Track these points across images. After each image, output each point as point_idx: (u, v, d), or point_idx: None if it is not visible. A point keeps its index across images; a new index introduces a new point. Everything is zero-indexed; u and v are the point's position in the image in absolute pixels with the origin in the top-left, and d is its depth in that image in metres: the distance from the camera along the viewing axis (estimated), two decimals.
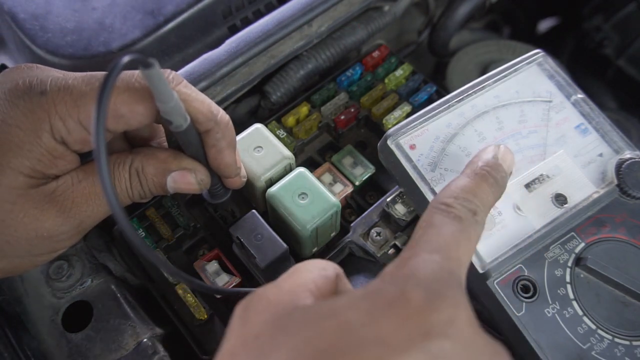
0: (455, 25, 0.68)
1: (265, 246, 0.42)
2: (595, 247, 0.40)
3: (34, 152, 0.34)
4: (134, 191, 0.38)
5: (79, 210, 0.36)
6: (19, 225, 0.34)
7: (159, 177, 0.38)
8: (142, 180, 0.38)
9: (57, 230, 0.36)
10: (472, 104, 0.45)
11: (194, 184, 0.39)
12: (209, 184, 0.40)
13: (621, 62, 0.78)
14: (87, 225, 0.37)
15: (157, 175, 0.38)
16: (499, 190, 0.34)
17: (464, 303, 0.26)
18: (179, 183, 0.38)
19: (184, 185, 0.38)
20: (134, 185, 0.37)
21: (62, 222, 0.35)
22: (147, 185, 0.38)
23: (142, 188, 0.38)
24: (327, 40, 0.58)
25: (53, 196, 0.35)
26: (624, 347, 0.37)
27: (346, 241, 0.48)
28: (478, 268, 0.39)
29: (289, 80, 0.56)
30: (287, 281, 0.29)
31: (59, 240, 0.36)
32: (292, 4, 0.52)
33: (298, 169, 0.45)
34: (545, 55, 0.47)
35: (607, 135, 0.44)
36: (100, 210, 0.37)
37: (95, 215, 0.37)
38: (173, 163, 0.38)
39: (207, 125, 0.37)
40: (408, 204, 0.46)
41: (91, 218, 0.37)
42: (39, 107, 0.33)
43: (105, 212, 0.37)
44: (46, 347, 0.44)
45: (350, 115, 0.54)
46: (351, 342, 0.23)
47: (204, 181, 0.39)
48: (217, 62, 0.49)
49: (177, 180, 0.38)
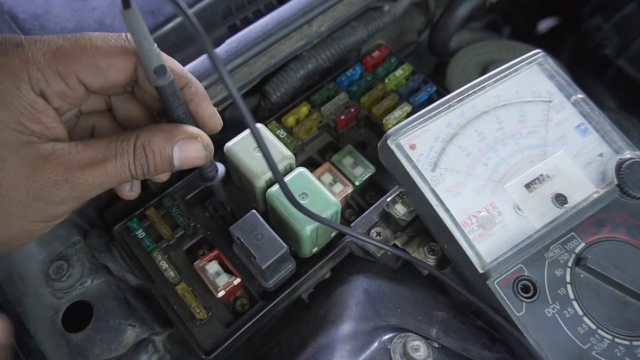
0: (455, 25, 0.68)
1: (265, 246, 0.42)
2: (595, 247, 0.40)
3: (15, 104, 0.33)
4: (137, 167, 0.37)
5: (72, 176, 0.35)
6: (10, 185, 0.34)
7: (166, 149, 0.37)
8: (149, 154, 0.37)
9: (50, 191, 0.35)
10: (472, 104, 0.45)
11: (201, 150, 0.38)
12: (213, 149, 0.40)
13: (621, 62, 0.78)
14: (79, 194, 0.36)
15: (164, 146, 0.37)
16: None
17: None
18: (186, 151, 0.38)
19: (191, 152, 0.38)
20: (138, 159, 0.37)
21: (54, 183, 0.35)
22: (152, 160, 0.37)
23: (147, 163, 0.37)
24: (327, 40, 0.58)
25: (48, 158, 0.34)
26: (624, 347, 0.37)
27: (346, 241, 0.48)
28: (478, 268, 0.39)
29: (289, 80, 0.56)
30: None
31: (53, 203, 0.35)
32: (292, 4, 0.52)
33: (298, 169, 0.45)
34: (545, 55, 0.47)
35: (607, 135, 0.44)
36: (95, 181, 0.36)
37: (89, 185, 0.36)
38: (178, 131, 0.38)
39: (182, 81, 0.38)
40: (408, 204, 0.46)
41: (85, 187, 0.36)
42: (16, 57, 0.33)
43: (100, 184, 0.36)
44: (46, 347, 0.44)
45: (350, 115, 0.54)
46: None
47: (209, 146, 0.39)
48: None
49: (184, 148, 0.38)
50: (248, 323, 0.45)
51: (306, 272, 0.47)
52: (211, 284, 0.45)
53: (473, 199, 0.42)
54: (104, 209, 0.57)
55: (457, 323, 0.45)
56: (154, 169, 0.38)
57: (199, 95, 0.39)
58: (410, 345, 0.40)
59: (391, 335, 0.41)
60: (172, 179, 0.55)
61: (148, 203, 0.50)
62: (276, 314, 0.48)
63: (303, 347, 0.44)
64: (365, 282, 0.47)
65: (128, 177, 0.37)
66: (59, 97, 0.35)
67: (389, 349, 0.40)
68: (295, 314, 0.50)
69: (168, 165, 0.38)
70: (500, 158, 0.43)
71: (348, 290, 0.46)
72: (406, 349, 0.39)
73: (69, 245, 0.49)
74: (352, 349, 0.41)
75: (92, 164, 0.35)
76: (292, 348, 0.46)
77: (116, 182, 0.37)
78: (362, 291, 0.46)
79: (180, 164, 0.38)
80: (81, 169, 0.35)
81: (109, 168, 0.36)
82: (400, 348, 0.40)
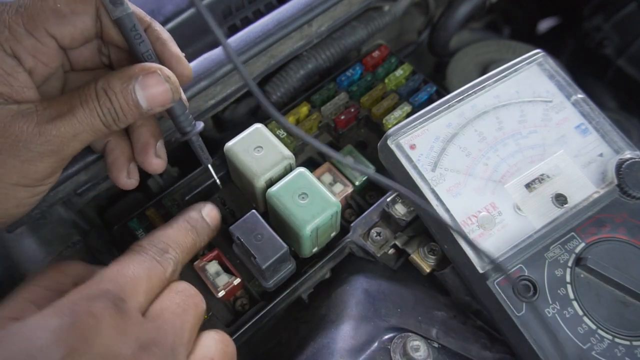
0: (455, 25, 0.68)
1: (265, 246, 0.42)
2: (595, 247, 0.40)
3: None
4: (105, 112, 0.36)
5: (44, 129, 0.35)
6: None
7: (127, 88, 0.37)
8: (111, 96, 0.36)
9: (23, 146, 0.34)
10: (472, 104, 0.45)
11: (162, 83, 0.37)
12: (178, 84, 0.39)
13: (621, 62, 0.78)
14: (55, 147, 0.35)
15: (124, 86, 0.37)
16: (198, 237, 0.40)
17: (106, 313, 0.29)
18: (147, 87, 0.37)
19: (153, 87, 0.37)
20: (103, 103, 0.36)
21: (26, 137, 0.34)
22: (117, 102, 0.36)
23: (112, 106, 0.36)
24: (327, 40, 0.57)
25: (16, 116, 0.34)
26: (624, 347, 0.37)
27: (346, 241, 0.48)
28: (478, 268, 0.39)
29: (289, 80, 0.56)
30: None
31: (30, 160, 0.35)
32: (292, 4, 0.52)
33: (298, 169, 0.45)
34: (545, 55, 0.47)
35: (607, 135, 0.44)
36: (68, 132, 0.35)
37: (63, 137, 0.35)
38: (135, 68, 0.37)
39: (144, 22, 0.39)
40: (408, 204, 0.46)
41: (59, 139, 0.35)
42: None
43: (75, 136, 0.36)
44: None
45: (350, 115, 0.54)
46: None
47: (172, 79, 0.38)
48: (217, 62, 0.49)
49: (144, 84, 0.37)
50: (248, 323, 0.45)
51: (306, 272, 0.47)
52: (211, 284, 0.44)
53: (473, 199, 0.42)
54: (104, 209, 0.57)
55: (457, 323, 0.45)
56: (123, 114, 0.37)
57: (163, 36, 0.39)
58: (410, 345, 0.40)
59: (391, 335, 0.41)
60: (172, 179, 0.56)
61: (148, 203, 0.50)
62: (276, 314, 0.48)
63: (303, 347, 0.44)
64: (365, 282, 0.47)
65: (101, 126, 0.37)
66: (31, 54, 0.35)
67: (389, 349, 0.40)
68: (295, 314, 0.50)
69: (135, 107, 0.37)
70: (500, 158, 0.43)
71: (348, 290, 0.46)
72: (406, 349, 0.39)
73: (69, 245, 0.49)
74: (352, 349, 0.41)
75: (61, 115, 0.35)
76: (292, 348, 0.46)
77: (91, 133, 0.36)
78: (362, 291, 0.46)
79: (148, 105, 0.37)
80: (52, 121, 0.35)
81: (79, 116, 0.35)
82: (400, 348, 0.40)
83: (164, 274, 0.36)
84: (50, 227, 0.49)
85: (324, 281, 0.50)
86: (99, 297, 0.30)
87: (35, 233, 0.48)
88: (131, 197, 0.57)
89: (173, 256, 0.37)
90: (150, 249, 0.36)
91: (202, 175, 0.52)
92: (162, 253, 0.36)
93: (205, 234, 0.41)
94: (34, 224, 0.48)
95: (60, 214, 0.49)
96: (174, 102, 0.39)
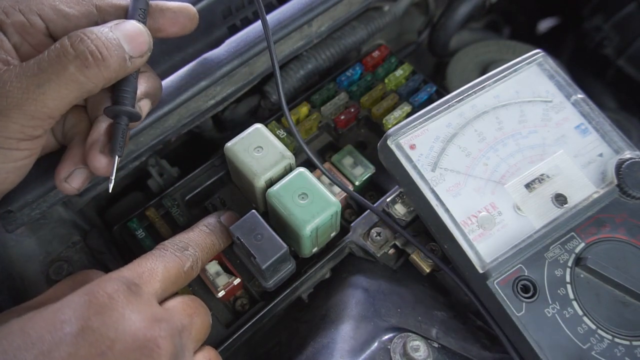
0: (455, 25, 0.68)
1: (265, 246, 0.42)
2: (595, 247, 0.40)
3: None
4: (88, 55, 0.35)
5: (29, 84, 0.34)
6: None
7: (104, 31, 0.36)
8: (91, 37, 0.36)
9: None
10: (472, 104, 0.45)
11: (137, 26, 0.38)
12: (151, 37, 0.39)
13: (621, 62, 0.78)
14: (17, 116, 0.34)
15: (100, 30, 0.36)
16: (216, 240, 0.43)
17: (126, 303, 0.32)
18: (124, 30, 0.37)
19: (131, 30, 0.37)
20: (85, 45, 0.35)
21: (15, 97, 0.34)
22: (99, 41, 0.36)
23: (94, 46, 0.36)
24: (327, 40, 0.58)
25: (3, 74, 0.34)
26: (624, 347, 0.38)
27: (346, 241, 0.48)
28: (478, 268, 0.39)
29: (289, 80, 0.56)
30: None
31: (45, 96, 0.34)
32: (292, 4, 0.52)
33: (298, 169, 0.45)
34: (545, 55, 0.47)
35: (607, 135, 0.44)
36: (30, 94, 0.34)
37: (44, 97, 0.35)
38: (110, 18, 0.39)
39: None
40: (408, 204, 0.46)
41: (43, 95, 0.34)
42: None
43: (32, 104, 0.34)
44: None
45: (350, 115, 0.54)
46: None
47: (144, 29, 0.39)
48: (217, 62, 0.49)
49: (121, 28, 0.37)
50: (248, 323, 0.45)
51: (306, 272, 0.47)
52: (211, 284, 0.44)
53: (473, 199, 0.42)
54: (104, 209, 0.57)
55: (457, 323, 0.45)
56: (107, 52, 0.36)
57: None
58: (410, 345, 0.40)
59: (391, 335, 0.41)
60: (172, 179, 0.56)
61: (148, 203, 0.50)
62: (276, 314, 0.48)
63: (303, 347, 0.44)
64: (365, 282, 0.47)
65: (85, 71, 0.35)
66: (17, 30, 0.36)
67: (389, 349, 0.40)
68: (295, 313, 0.50)
69: (118, 46, 0.37)
70: (500, 158, 0.43)
71: (348, 290, 0.46)
72: (406, 349, 0.39)
73: (69, 246, 0.49)
74: (352, 349, 0.41)
75: (43, 69, 0.35)
76: (292, 348, 0.46)
77: (77, 86, 0.35)
78: (362, 291, 0.46)
79: (130, 47, 0.37)
80: (35, 75, 0.34)
81: (62, 63, 0.35)
82: (400, 348, 0.40)
83: (182, 267, 0.38)
84: (50, 227, 0.49)
85: (324, 281, 0.50)
86: (115, 280, 0.33)
87: (35, 233, 0.48)
88: (131, 197, 0.57)
89: (192, 253, 0.40)
90: (170, 247, 0.39)
91: (202, 175, 0.52)
92: (182, 250, 0.39)
93: (224, 237, 0.44)
94: (34, 224, 0.48)
95: (60, 214, 0.49)
96: (150, 50, 0.39)
